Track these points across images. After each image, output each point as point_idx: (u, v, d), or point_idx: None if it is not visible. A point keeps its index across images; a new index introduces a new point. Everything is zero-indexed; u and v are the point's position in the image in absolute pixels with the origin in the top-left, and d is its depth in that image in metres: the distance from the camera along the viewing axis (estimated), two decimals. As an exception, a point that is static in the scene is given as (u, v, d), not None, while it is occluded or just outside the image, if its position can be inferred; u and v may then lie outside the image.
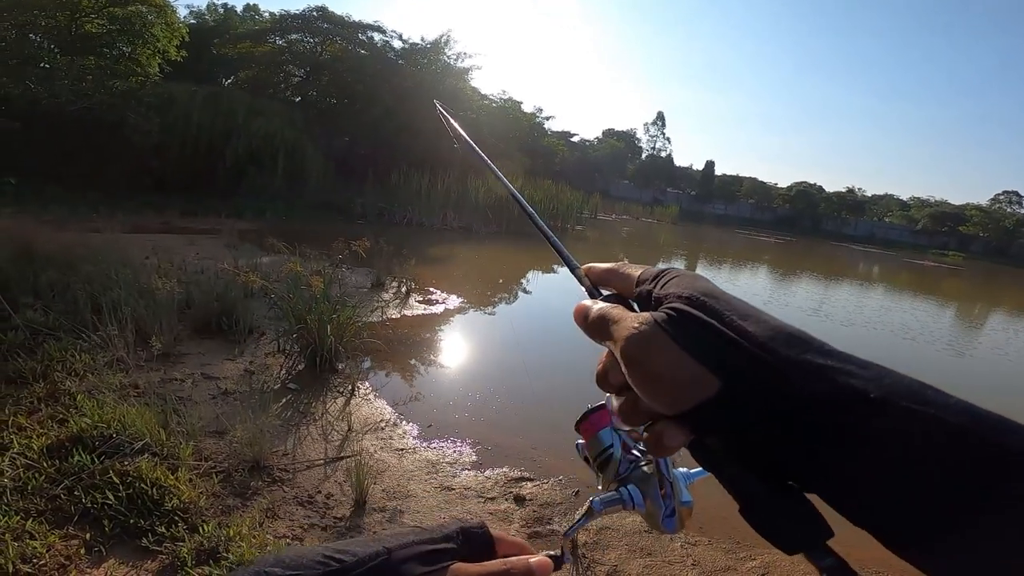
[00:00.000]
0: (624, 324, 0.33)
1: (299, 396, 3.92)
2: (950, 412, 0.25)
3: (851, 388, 0.27)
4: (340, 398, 4.02)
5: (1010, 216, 49.29)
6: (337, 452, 3.22)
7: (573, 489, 3.35)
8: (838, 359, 0.28)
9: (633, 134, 59.58)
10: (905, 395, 0.26)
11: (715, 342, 0.30)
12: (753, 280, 16.68)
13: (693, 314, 0.31)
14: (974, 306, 18.23)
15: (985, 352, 10.19)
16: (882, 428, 0.26)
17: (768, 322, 0.30)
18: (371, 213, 14.88)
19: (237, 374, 4.05)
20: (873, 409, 0.26)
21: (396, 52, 20.67)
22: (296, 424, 3.48)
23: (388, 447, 3.48)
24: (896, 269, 28.22)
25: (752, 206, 56.13)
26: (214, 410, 3.21)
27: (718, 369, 0.29)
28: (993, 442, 0.24)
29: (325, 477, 2.93)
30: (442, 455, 3.54)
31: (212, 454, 2.80)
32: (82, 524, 2.15)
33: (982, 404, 0.27)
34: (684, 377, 0.30)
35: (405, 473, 3.22)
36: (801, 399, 0.27)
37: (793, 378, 0.28)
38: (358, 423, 3.67)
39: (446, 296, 7.77)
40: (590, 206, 25.71)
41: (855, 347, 0.30)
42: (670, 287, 0.34)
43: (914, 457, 0.25)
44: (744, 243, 30.50)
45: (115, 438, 2.52)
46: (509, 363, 5.89)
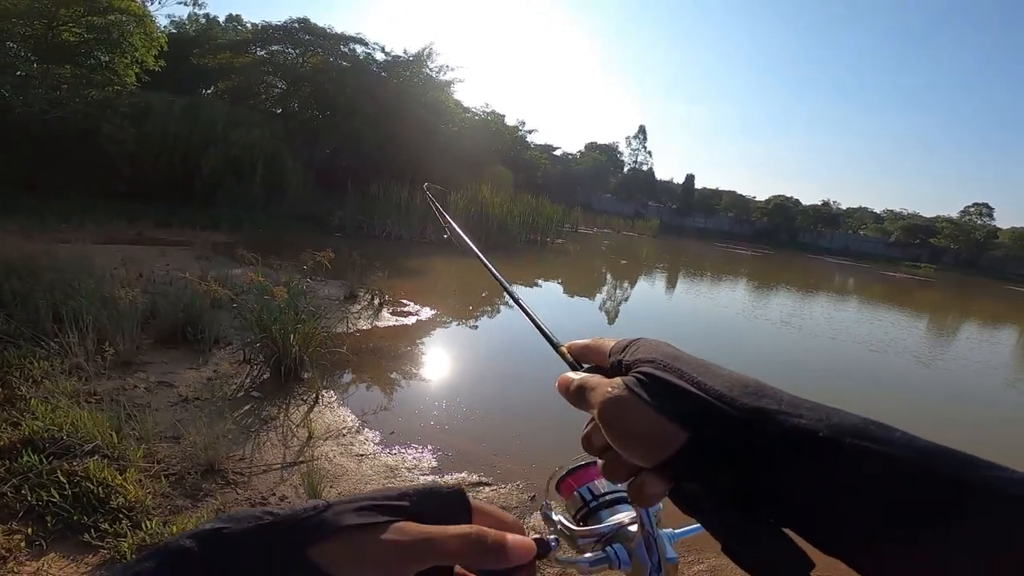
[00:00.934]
0: (599, 390, 0.37)
1: (261, 404, 3.95)
2: (892, 446, 0.28)
3: (802, 429, 0.29)
4: (303, 406, 4.06)
5: (980, 228, 50.73)
6: (296, 457, 3.27)
7: (530, 494, 3.42)
8: (789, 404, 0.31)
9: (615, 147, 60.25)
10: (851, 432, 0.28)
11: (679, 399, 0.33)
12: (732, 293, 16.99)
13: (658, 376, 0.35)
14: (945, 317, 18.76)
15: (949, 362, 10.51)
16: (831, 464, 0.28)
17: (725, 376, 0.34)
18: (349, 225, 14.87)
19: (199, 382, 4.06)
20: (823, 447, 0.28)
21: (378, 64, 20.74)
22: (256, 430, 3.52)
23: (348, 453, 3.53)
24: (870, 281, 28.88)
25: (731, 219, 57.11)
26: (172, 416, 3.24)
27: (684, 422, 0.32)
28: (935, 472, 0.27)
29: (281, 481, 2.97)
30: (402, 460, 3.59)
31: (165, 457, 2.83)
32: (25, 520, 2.20)
33: (943, 411, 0.34)
34: (655, 432, 0.33)
35: (363, 478, 3.27)
36: (758, 442, 0.30)
37: (749, 424, 0.31)
38: (319, 430, 3.71)
39: (419, 308, 7.83)
40: (571, 219, 25.95)
41: (827, 359, 0.37)
42: (638, 354, 0.38)
43: (861, 488, 0.27)
44: (723, 256, 31.01)
45: (65, 440, 2.56)
46: (477, 373, 5.97)
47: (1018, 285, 38.33)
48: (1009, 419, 7.48)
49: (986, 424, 6.89)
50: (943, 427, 6.45)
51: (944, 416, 6.97)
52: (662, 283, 17.03)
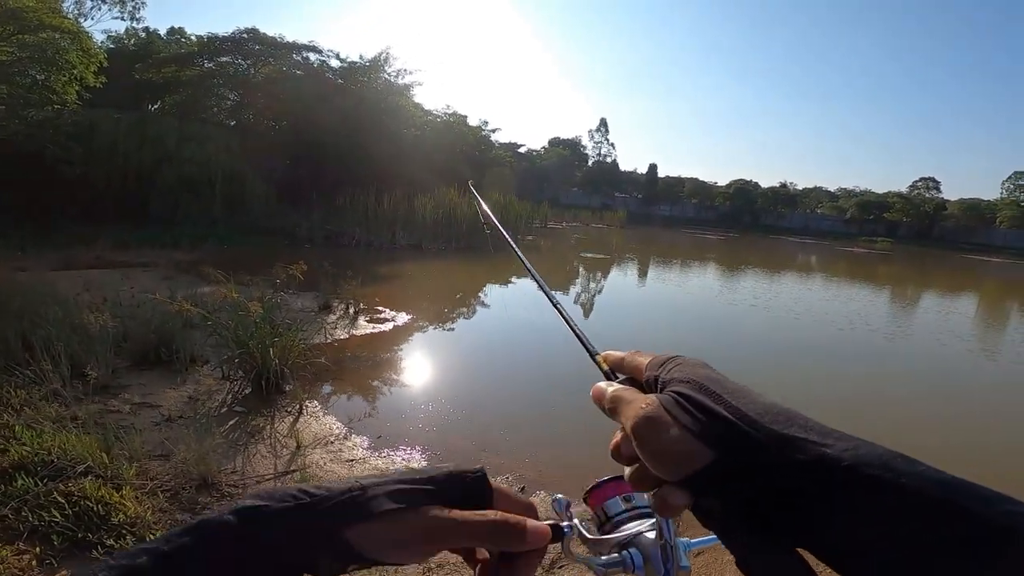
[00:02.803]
0: (634, 405, 0.38)
1: (246, 418, 3.96)
2: (914, 479, 0.28)
3: (826, 457, 0.30)
4: (288, 417, 4.07)
5: (929, 201, 53.09)
6: (287, 466, 3.30)
7: (520, 485, 3.51)
8: (818, 433, 0.32)
9: (579, 141, 60.92)
10: (875, 464, 0.29)
11: (709, 420, 0.34)
12: (703, 278, 17.44)
13: (693, 397, 0.36)
14: (922, 289, 19.63)
15: (915, 335, 11.06)
16: (852, 492, 0.29)
17: (759, 402, 0.35)
18: (317, 236, 14.71)
19: (181, 401, 4.04)
20: (845, 476, 0.29)
21: (334, 71, 20.44)
22: (244, 444, 3.53)
23: (338, 459, 3.57)
24: (833, 258, 29.96)
25: (695, 206, 58.41)
26: (158, 435, 3.24)
27: (711, 443, 0.33)
28: (960, 507, 0.27)
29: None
30: (392, 462, 3.66)
31: (158, 475, 2.84)
32: (32, 540, 2.24)
33: (910, 379, 0.38)
34: (683, 450, 0.34)
35: (355, 482, 3.33)
36: (782, 467, 0.31)
37: (775, 449, 0.32)
38: (307, 439, 3.74)
39: (395, 314, 7.84)
40: (540, 215, 26.15)
41: (794, 338, 0.42)
42: (674, 372, 0.39)
43: (881, 519, 0.28)
44: (691, 242, 31.72)
45: (56, 463, 2.57)
46: (458, 374, 6.05)
47: (970, 253, 40.35)
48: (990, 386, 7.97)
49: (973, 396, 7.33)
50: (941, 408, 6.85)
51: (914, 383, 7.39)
52: (634, 273, 17.37)
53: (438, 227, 16.41)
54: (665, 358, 0.42)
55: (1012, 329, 13.45)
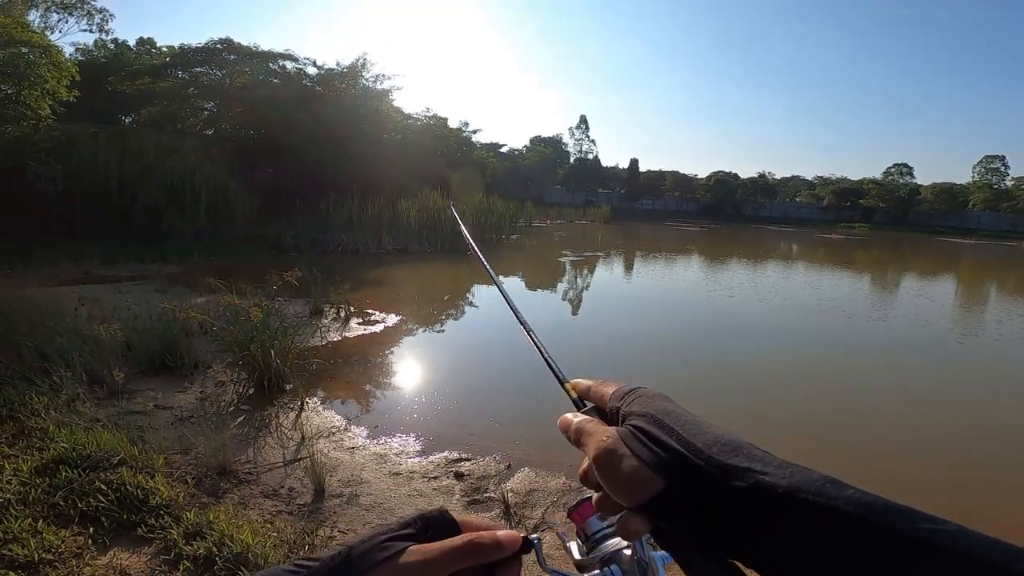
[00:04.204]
0: (596, 437, 0.41)
1: (253, 415, 4.25)
2: (842, 502, 0.30)
3: (764, 484, 0.33)
4: (291, 413, 4.38)
5: (903, 186, 54.32)
6: (294, 455, 3.61)
7: (505, 463, 3.84)
8: (760, 461, 0.34)
9: (560, 139, 61.21)
10: (808, 490, 0.31)
11: (660, 451, 0.37)
12: (687, 271, 17.87)
13: (647, 429, 0.39)
14: (884, 274, 20.26)
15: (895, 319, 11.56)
16: (788, 516, 0.31)
17: (708, 434, 0.37)
18: (303, 244, 14.86)
19: (191, 403, 4.34)
20: (782, 501, 0.32)
21: (311, 79, 20.41)
22: (254, 437, 3.84)
23: (340, 447, 3.88)
24: (813, 245, 30.63)
25: (677, 199, 59.11)
26: (175, 433, 3.54)
27: (662, 473, 0.36)
28: (888, 528, 0.29)
29: (286, 476, 3.34)
30: (389, 448, 3.97)
31: (181, 465, 3.18)
32: (83, 523, 2.54)
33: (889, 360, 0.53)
34: (638, 479, 0.37)
35: (357, 465, 3.64)
36: (725, 494, 0.34)
37: (719, 477, 0.34)
38: (310, 431, 4.04)
39: (385, 316, 8.13)
40: (524, 214, 26.36)
41: (797, 326, 0.56)
42: (634, 406, 0.42)
43: (814, 540, 0.31)
44: (674, 235, 32.14)
45: (93, 456, 2.88)
46: (447, 369, 6.37)
47: (945, 236, 41.44)
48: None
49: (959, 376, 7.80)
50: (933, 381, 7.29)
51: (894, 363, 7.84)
52: (620, 268, 17.77)
53: (423, 230, 16.59)
54: (627, 390, 0.45)
55: (992, 308, 14.08)
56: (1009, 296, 16.30)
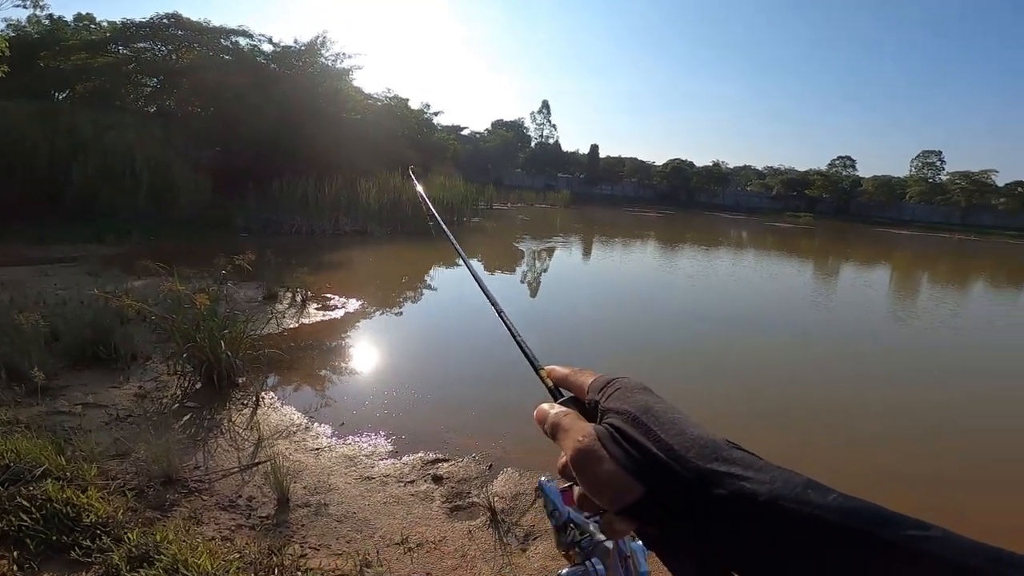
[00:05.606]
0: (571, 435, 0.40)
1: (201, 413, 3.84)
2: (825, 509, 0.30)
3: (745, 491, 0.32)
4: (246, 410, 3.98)
5: (845, 178, 56.77)
6: (251, 459, 3.25)
7: (486, 464, 3.60)
8: (741, 465, 0.33)
9: (521, 123, 60.84)
10: (790, 497, 0.31)
11: (639, 456, 0.36)
12: (643, 255, 18.04)
13: (626, 431, 0.37)
14: (826, 260, 21.10)
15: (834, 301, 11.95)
16: (771, 525, 0.31)
17: (688, 435, 0.36)
18: (256, 225, 14.09)
19: (128, 400, 3.86)
20: (763, 509, 0.31)
21: (266, 56, 19.45)
22: (203, 439, 3.44)
23: (303, 448, 3.54)
24: (763, 233, 31.61)
25: (635, 184, 59.84)
26: (110, 435, 3.10)
27: (640, 478, 0.35)
28: (869, 533, 0.28)
29: (243, 483, 2.97)
30: (358, 449, 3.66)
31: (119, 474, 2.76)
32: (6, 545, 2.15)
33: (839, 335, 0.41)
34: (616, 485, 0.36)
35: (324, 469, 3.32)
36: (705, 503, 0.33)
37: (698, 484, 0.33)
38: (268, 430, 3.67)
39: (345, 300, 7.70)
40: (485, 197, 26.08)
41: (753, 311, 0.47)
42: (612, 401, 0.41)
43: (797, 547, 0.30)
44: (632, 220, 32.53)
45: (12, 467, 2.43)
46: (417, 356, 6.05)
47: (883, 226, 43.63)
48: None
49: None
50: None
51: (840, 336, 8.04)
52: (580, 252, 17.73)
53: (383, 212, 16.10)
54: (605, 381, 0.43)
55: (925, 296, 14.83)
56: (959, 285, 17.28)
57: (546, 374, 0.49)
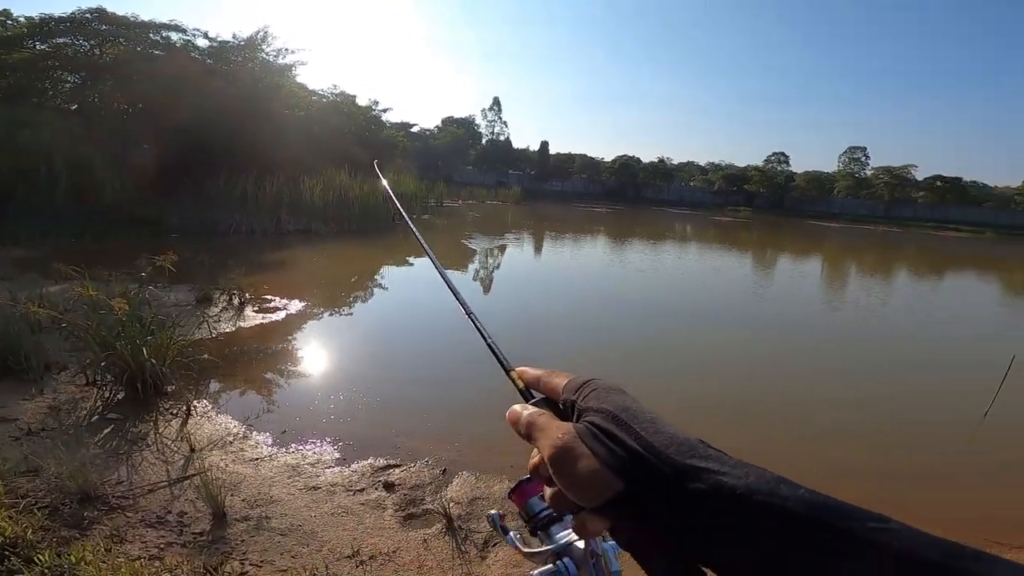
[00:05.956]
0: (550, 433, 0.40)
1: (124, 425, 3.56)
2: (795, 502, 0.31)
3: (723, 485, 0.33)
4: (174, 420, 3.72)
5: (780, 174, 59.65)
6: (182, 472, 3.03)
7: (440, 468, 3.50)
8: (716, 461, 0.34)
9: (472, 120, 60.49)
10: (764, 491, 0.32)
11: (619, 452, 0.36)
12: (594, 250, 18.31)
13: (606, 427, 0.38)
14: (764, 253, 22.09)
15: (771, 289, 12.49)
16: (745, 517, 0.31)
17: (666, 432, 0.37)
18: (192, 225, 13.35)
19: (40, 413, 3.54)
20: (738, 502, 0.32)
21: (202, 51, 18.55)
22: (126, 452, 3.19)
23: (240, 459, 3.33)
24: (705, 226, 32.76)
25: (584, 180, 60.69)
26: (19, 451, 2.81)
27: (621, 474, 0.36)
28: (822, 522, 0.30)
29: (173, 497, 2.77)
30: (302, 458, 3.48)
31: (30, 491, 2.51)
32: None
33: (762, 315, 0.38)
34: (596, 480, 0.36)
35: (264, 481, 3.13)
36: (684, 495, 0.33)
37: (677, 478, 0.34)
38: (201, 441, 3.45)
39: (287, 302, 7.38)
40: (436, 194, 25.77)
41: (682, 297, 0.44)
42: (590, 400, 0.41)
43: (769, 541, 0.31)
44: (582, 216, 32.98)
45: None
46: (365, 359, 5.85)
47: (814, 220, 46.15)
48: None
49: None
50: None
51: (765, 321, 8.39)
52: (531, 248, 17.79)
53: (329, 210, 15.61)
54: (581, 382, 0.43)
55: (852, 284, 15.76)
56: (885, 275, 18.44)
57: (517, 375, 0.49)
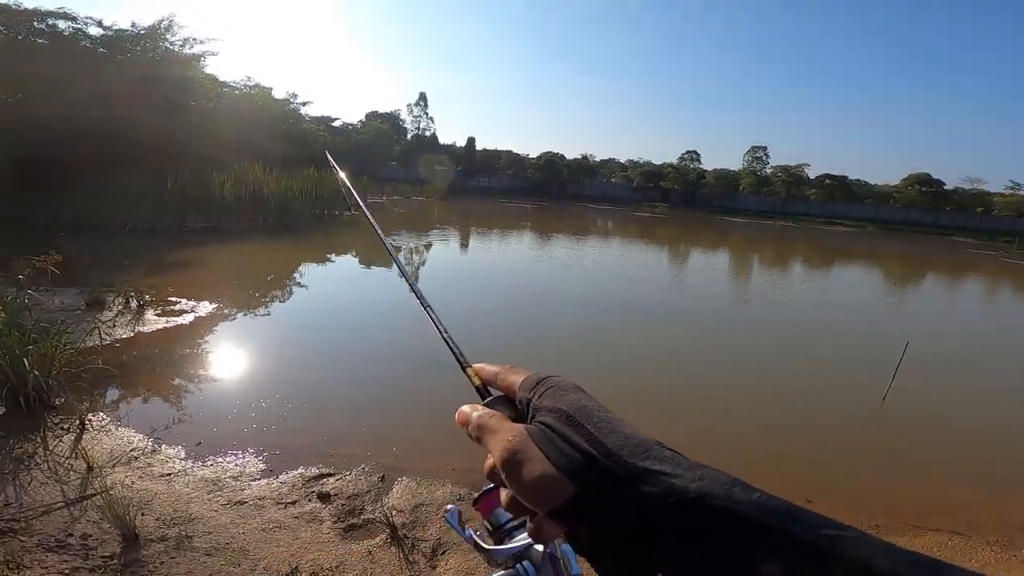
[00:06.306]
0: (500, 436, 0.39)
1: (7, 443, 3.18)
2: (750, 507, 0.30)
3: (675, 488, 0.32)
4: (67, 436, 3.36)
5: (693, 171, 63.27)
6: (81, 492, 2.75)
7: (378, 475, 3.36)
8: (671, 463, 0.34)
9: (397, 115, 59.10)
10: (718, 494, 0.31)
11: (572, 453, 0.35)
12: (520, 245, 18.48)
13: (558, 428, 0.37)
14: (678, 246, 23.33)
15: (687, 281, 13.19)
16: (699, 521, 0.31)
17: (620, 433, 0.36)
18: (85, 223, 12.02)
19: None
20: (692, 505, 0.31)
21: (94, 40, 16.90)
22: (13, 472, 2.86)
23: (149, 475, 3.06)
24: (626, 222, 34.04)
25: (510, 176, 61.17)
26: None
27: (573, 477, 0.35)
28: (776, 528, 0.29)
29: (73, 519, 2.52)
30: (222, 471, 3.26)
31: None
32: None
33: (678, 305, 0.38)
34: (548, 484, 0.35)
35: (180, 497, 2.89)
36: (636, 500, 0.33)
37: (631, 481, 0.33)
38: (100, 457, 3.14)
39: (195, 304, 6.86)
40: (360, 189, 24.88)
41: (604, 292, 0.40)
42: (545, 399, 0.40)
43: (722, 544, 0.30)
44: (507, 211, 33.17)
45: None
46: (288, 361, 5.54)
47: (723, 215, 49.30)
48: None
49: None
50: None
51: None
52: (458, 244, 17.66)
53: (241, 206, 14.62)
54: (536, 379, 0.43)
55: (756, 275, 17.02)
56: (783, 267, 20.03)
57: (474, 372, 0.48)
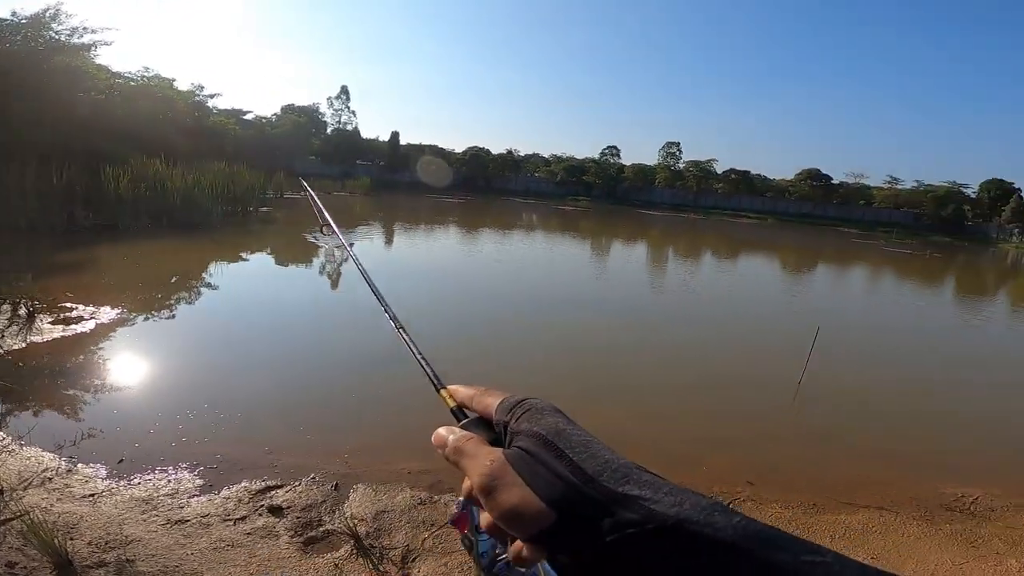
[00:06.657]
0: (478, 461, 0.38)
1: None
2: (730, 531, 0.30)
3: (655, 514, 0.32)
4: (-37, 461, 3.03)
5: (612, 166, 65.52)
6: (-10, 519, 2.49)
7: (331, 483, 3.26)
8: (651, 488, 0.33)
9: (316, 109, 56.21)
10: (698, 520, 0.31)
11: (552, 479, 0.35)
12: (448, 240, 18.42)
13: (538, 454, 0.37)
14: (600, 239, 24.21)
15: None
16: (675, 547, 0.31)
17: (600, 458, 0.36)
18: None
19: None
20: (672, 531, 0.31)
21: None
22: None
23: (69, 496, 2.87)
24: (549, 216, 34.77)
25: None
26: None
27: (552, 503, 0.34)
28: (756, 554, 0.29)
29: (-8, 548, 2.28)
30: (154, 488, 3.10)
31: None
32: None
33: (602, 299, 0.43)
34: (527, 511, 0.35)
35: (111, 519, 2.74)
36: (616, 526, 0.32)
37: (610, 507, 0.33)
38: (9, 479, 2.90)
39: (94, 309, 6.36)
40: (275, 185, 23.69)
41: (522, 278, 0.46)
42: (523, 423, 0.40)
43: (697, 571, 0.30)
44: (432, 206, 32.79)
45: None
46: (210, 367, 5.27)
47: (640, 208, 51.66)
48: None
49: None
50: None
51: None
52: (383, 240, 17.32)
53: (140, 203, 13.48)
54: (514, 402, 0.42)
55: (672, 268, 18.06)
56: (694, 258, 21.34)
57: (448, 394, 0.47)
